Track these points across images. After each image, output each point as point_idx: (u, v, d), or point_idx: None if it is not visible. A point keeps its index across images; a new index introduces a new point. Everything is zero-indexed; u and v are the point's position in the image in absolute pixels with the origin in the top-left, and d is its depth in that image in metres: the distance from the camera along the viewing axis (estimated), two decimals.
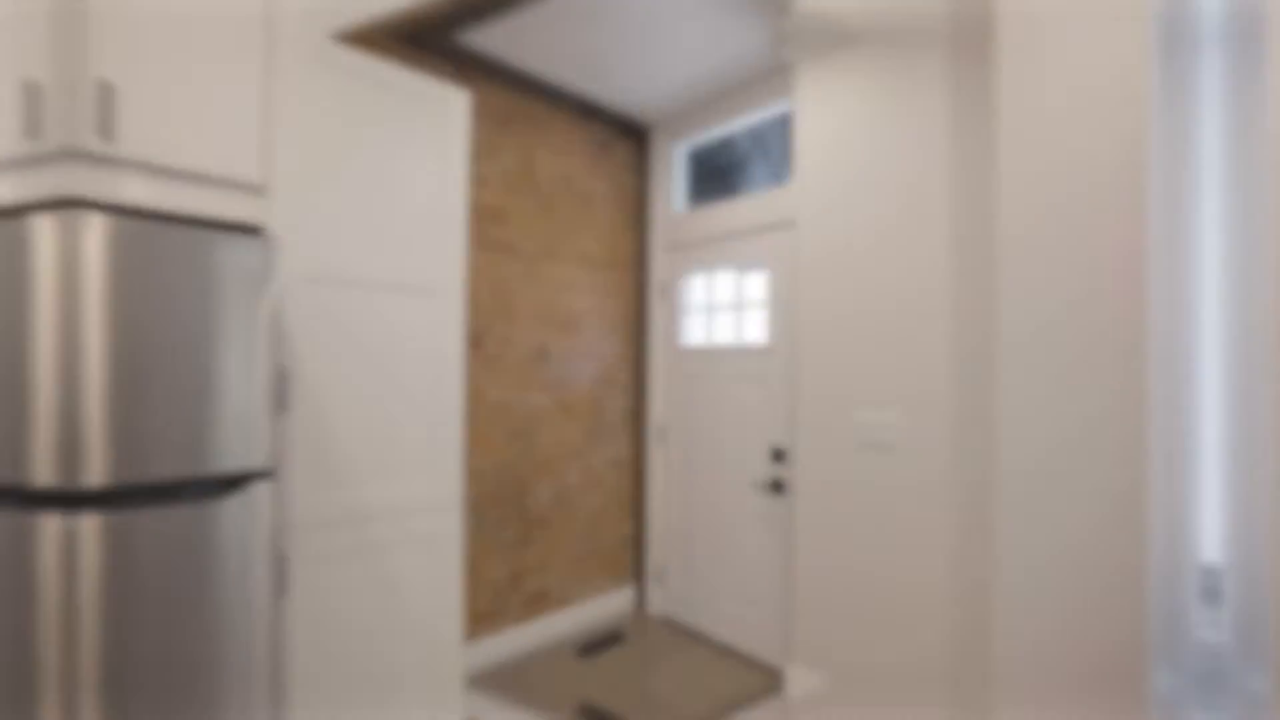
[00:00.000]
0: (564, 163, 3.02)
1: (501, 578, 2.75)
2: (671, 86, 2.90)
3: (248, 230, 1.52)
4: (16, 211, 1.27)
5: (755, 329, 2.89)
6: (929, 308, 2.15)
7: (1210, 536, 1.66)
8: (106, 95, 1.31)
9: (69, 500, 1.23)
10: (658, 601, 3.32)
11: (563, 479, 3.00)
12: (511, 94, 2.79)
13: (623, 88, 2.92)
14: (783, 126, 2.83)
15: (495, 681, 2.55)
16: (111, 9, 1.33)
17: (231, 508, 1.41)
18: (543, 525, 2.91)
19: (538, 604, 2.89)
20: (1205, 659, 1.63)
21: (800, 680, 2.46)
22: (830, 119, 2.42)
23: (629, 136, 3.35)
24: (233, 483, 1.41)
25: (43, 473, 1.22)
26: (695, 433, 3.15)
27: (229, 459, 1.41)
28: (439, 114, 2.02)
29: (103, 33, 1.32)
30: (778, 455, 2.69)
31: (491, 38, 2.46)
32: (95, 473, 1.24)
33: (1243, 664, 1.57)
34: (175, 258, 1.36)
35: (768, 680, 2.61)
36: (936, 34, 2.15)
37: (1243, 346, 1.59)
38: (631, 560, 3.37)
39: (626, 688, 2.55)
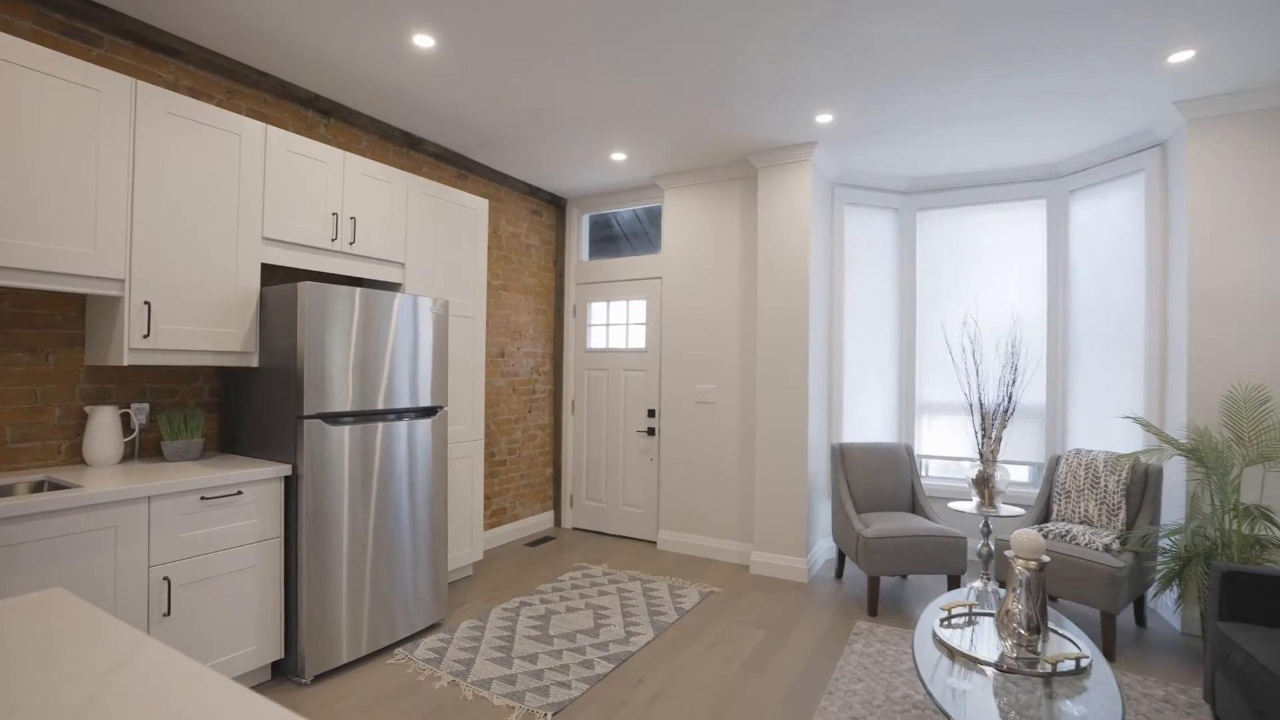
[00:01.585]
0: (515, 225, 4.56)
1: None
2: (582, 182, 4.58)
3: (395, 287, 2.94)
4: (332, 279, 2.61)
5: (637, 338, 4.68)
6: (728, 327, 4.11)
7: (836, 434, 3.81)
8: (354, 222, 2.70)
9: (362, 416, 2.60)
10: (569, 519, 4.96)
11: (512, 435, 4.52)
12: (489, 185, 4.28)
13: (551, 180, 4.53)
14: (655, 217, 4.67)
15: (485, 556, 4.01)
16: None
17: (429, 423, 2.84)
18: (502, 465, 4.42)
19: (500, 516, 4.39)
20: (835, 495, 3.74)
21: (664, 536, 4.32)
22: (683, 216, 4.30)
23: (553, 206, 4.96)
24: (429, 411, 2.84)
25: (344, 405, 2.58)
26: (596, 406, 4.85)
27: (425, 399, 2.83)
28: (474, 213, 3.51)
29: (349, 189, 2.71)
30: (651, 413, 4.51)
31: (482, 155, 3.95)
32: (368, 404, 2.62)
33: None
34: (382, 302, 2.76)
35: (647, 547, 4.40)
36: (734, 181, 4.13)
37: (835, 369, 3.76)
38: (553, 493, 4.97)
39: (564, 555, 4.17)
